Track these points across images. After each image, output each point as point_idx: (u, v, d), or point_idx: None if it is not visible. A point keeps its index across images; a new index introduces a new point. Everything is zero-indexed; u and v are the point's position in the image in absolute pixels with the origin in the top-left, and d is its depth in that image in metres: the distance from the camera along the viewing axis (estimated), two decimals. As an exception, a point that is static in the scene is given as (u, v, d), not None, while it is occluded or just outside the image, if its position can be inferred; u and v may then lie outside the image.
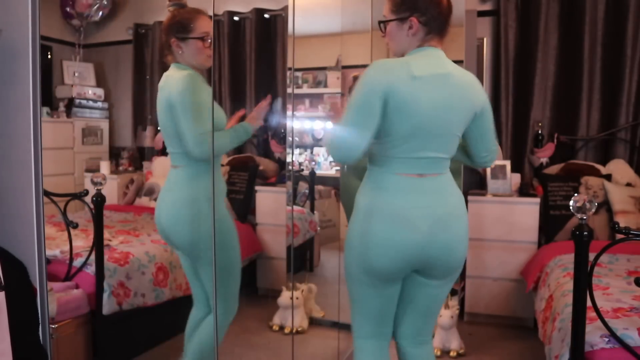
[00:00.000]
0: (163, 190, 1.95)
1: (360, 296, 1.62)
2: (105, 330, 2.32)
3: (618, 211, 2.89)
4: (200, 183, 1.86)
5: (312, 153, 3.91)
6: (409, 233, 1.47)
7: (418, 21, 1.49)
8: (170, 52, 1.94)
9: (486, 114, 1.57)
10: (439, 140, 1.49)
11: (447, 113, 1.48)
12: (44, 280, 1.80)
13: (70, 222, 2.18)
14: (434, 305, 1.67)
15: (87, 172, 4.06)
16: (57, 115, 4.05)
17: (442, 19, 1.50)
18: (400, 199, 1.49)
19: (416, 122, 1.45)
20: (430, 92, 1.45)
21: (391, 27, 1.54)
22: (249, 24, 4.06)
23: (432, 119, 1.46)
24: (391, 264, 1.50)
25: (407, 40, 1.52)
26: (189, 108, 1.77)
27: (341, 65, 3.55)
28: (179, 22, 1.90)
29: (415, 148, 1.48)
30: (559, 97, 3.40)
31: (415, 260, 1.51)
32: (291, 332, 2.92)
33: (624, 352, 1.55)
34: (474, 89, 1.54)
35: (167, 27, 1.92)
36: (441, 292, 1.65)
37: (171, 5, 1.93)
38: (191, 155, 1.79)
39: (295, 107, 3.79)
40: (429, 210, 1.49)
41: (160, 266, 2.68)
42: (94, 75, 4.50)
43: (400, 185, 1.50)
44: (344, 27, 3.07)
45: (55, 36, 4.25)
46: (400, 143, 1.48)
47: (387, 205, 1.49)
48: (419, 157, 1.49)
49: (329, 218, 3.61)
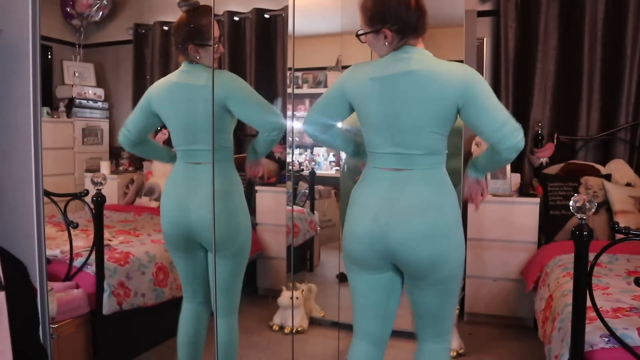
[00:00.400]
0: (184, 186, 1.91)
1: (350, 284, 1.73)
2: (105, 330, 2.32)
3: (618, 211, 2.89)
4: (227, 177, 1.93)
5: (312, 153, 3.91)
6: (367, 222, 1.57)
7: (391, 31, 1.55)
8: (184, 54, 1.92)
9: (474, 100, 1.49)
10: (406, 136, 1.54)
11: (407, 111, 1.53)
12: (44, 280, 1.80)
13: (70, 222, 2.18)
14: (430, 308, 1.64)
15: (87, 172, 4.06)
16: (57, 115, 4.05)
17: (413, 23, 1.54)
18: (367, 190, 1.61)
19: (375, 120, 1.58)
20: (386, 92, 1.54)
21: (368, 38, 1.62)
22: (249, 24, 4.06)
23: (389, 117, 1.55)
24: (359, 250, 1.61)
25: (385, 47, 1.58)
26: (255, 94, 1.91)
27: (341, 65, 3.55)
28: (196, 29, 1.87)
29: (385, 144, 1.58)
30: (559, 97, 3.40)
31: (381, 249, 1.57)
32: (291, 332, 2.93)
33: (624, 352, 1.55)
34: (445, 83, 1.49)
35: (184, 33, 1.89)
36: (433, 297, 1.60)
37: (184, 5, 1.89)
38: (280, 130, 1.90)
39: (295, 107, 3.79)
40: (389, 202, 1.55)
41: (161, 266, 2.68)
42: (94, 75, 4.50)
43: (374, 178, 1.61)
44: (344, 27, 3.07)
45: (56, 36, 4.25)
46: (371, 139, 1.62)
47: (359, 195, 1.63)
48: (390, 152, 1.57)
49: (329, 218, 3.61)
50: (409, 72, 1.52)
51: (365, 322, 1.73)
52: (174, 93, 1.90)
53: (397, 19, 1.53)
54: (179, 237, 1.95)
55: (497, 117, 1.48)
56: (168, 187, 1.96)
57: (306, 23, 2.83)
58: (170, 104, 1.91)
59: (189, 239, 1.95)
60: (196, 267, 2.03)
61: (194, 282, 2.06)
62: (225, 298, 1.97)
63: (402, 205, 1.54)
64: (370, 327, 1.72)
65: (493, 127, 1.47)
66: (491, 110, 1.49)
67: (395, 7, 1.53)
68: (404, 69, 1.53)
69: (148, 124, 1.99)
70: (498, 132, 1.46)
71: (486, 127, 1.49)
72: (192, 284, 2.06)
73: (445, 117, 1.53)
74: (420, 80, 1.51)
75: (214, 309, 1.99)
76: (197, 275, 2.05)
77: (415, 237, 1.52)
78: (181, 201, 1.90)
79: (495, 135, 1.47)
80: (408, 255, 1.54)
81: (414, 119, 1.53)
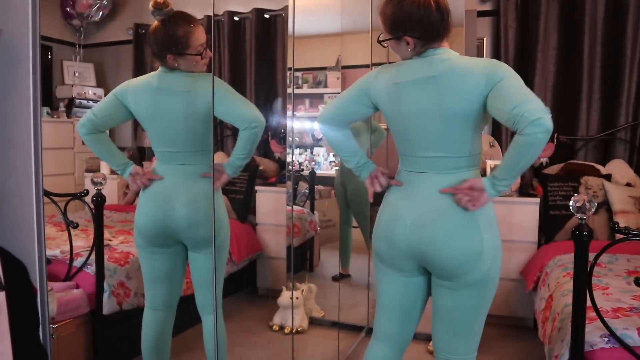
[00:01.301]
0: (169, 188, 1.93)
1: (377, 285, 1.73)
2: (105, 330, 2.32)
3: (618, 211, 2.89)
4: (207, 179, 1.95)
5: (312, 153, 3.91)
6: (395, 223, 1.59)
7: (412, 37, 1.51)
8: (162, 62, 1.92)
9: (497, 83, 1.41)
10: (434, 140, 1.53)
11: (432, 115, 1.51)
12: (44, 280, 1.80)
13: (70, 222, 2.18)
14: (456, 315, 1.58)
15: (87, 172, 4.07)
16: (57, 115, 4.05)
17: (436, 28, 1.50)
18: (396, 192, 1.64)
19: (401, 124, 1.58)
20: (410, 97, 1.53)
21: (390, 43, 1.59)
22: (249, 24, 4.06)
23: (415, 121, 1.54)
24: (386, 249, 1.62)
25: (409, 52, 1.56)
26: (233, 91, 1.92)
27: (341, 65, 3.55)
28: (173, 39, 1.84)
29: (414, 147, 1.58)
30: (559, 97, 3.40)
31: (407, 250, 1.57)
32: (291, 332, 2.92)
33: (624, 352, 1.56)
34: (468, 76, 1.46)
35: (160, 42, 1.86)
36: (460, 301, 1.55)
37: (157, 13, 1.86)
38: (259, 122, 1.88)
39: (295, 107, 3.79)
40: (417, 204, 1.56)
41: (161, 266, 2.68)
42: (94, 75, 4.50)
43: (404, 181, 1.62)
44: (344, 27, 3.07)
45: (56, 36, 4.25)
46: (400, 142, 1.63)
47: (390, 197, 1.66)
48: (420, 155, 1.57)
49: (329, 218, 3.61)
50: (432, 77, 1.49)
51: (388, 324, 1.70)
52: (156, 98, 1.90)
53: (418, 26, 1.49)
54: (158, 234, 1.95)
55: (519, 95, 1.35)
56: (151, 186, 1.97)
57: (306, 23, 2.83)
58: (152, 109, 1.91)
59: (169, 237, 1.96)
60: (166, 265, 2.02)
61: (159, 282, 2.03)
62: (211, 294, 1.99)
63: (430, 207, 1.53)
64: (393, 329, 1.69)
65: (514, 102, 1.34)
66: (513, 89, 1.38)
67: (416, 14, 1.48)
68: (428, 73, 1.50)
69: (117, 116, 1.99)
70: (520, 107, 1.32)
71: (505, 105, 1.36)
72: (158, 283, 2.03)
73: (472, 116, 1.48)
74: (443, 83, 1.48)
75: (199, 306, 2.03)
76: (162, 276, 2.03)
77: (441, 238, 1.51)
78: (165, 199, 1.92)
79: (515, 111, 1.32)
80: (433, 254, 1.53)
81: (438, 122, 1.50)
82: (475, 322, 1.59)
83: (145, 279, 2.06)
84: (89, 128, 1.97)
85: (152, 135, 1.99)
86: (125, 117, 2.00)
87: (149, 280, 2.05)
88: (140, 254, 2.04)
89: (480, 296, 1.56)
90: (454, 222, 1.51)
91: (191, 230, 1.93)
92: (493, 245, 1.53)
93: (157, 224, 1.93)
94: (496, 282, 1.59)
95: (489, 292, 1.57)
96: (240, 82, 4.14)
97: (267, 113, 3.99)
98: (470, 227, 1.51)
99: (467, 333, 1.60)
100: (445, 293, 1.58)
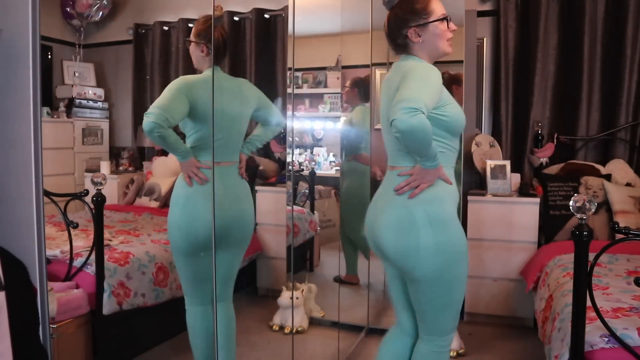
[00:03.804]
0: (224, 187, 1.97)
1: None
2: (105, 330, 2.32)
3: (618, 211, 2.89)
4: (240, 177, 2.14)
5: (312, 153, 3.91)
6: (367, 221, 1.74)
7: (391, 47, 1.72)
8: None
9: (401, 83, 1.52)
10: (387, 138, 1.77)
11: (384, 114, 1.71)
12: (44, 280, 1.80)
13: (70, 222, 2.18)
14: (417, 305, 1.67)
15: (87, 172, 4.07)
16: (57, 115, 4.05)
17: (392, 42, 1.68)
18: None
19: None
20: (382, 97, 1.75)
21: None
22: (249, 24, 4.06)
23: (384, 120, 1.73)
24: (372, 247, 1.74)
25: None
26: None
27: (341, 65, 3.55)
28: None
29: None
30: (559, 97, 3.40)
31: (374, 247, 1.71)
32: (291, 332, 2.92)
33: (624, 352, 1.55)
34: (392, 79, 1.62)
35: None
36: (416, 294, 1.65)
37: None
38: (281, 125, 2.23)
39: (295, 107, 3.79)
40: (373, 203, 1.74)
41: (160, 266, 2.68)
42: (94, 75, 4.50)
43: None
44: (344, 27, 3.06)
45: (56, 36, 4.26)
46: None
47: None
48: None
49: (329, 218, 3.61)
50: (385, 80, 1.70)
51: (396, 310, 1.82)
52: (223, 96, 2.00)
53: (388, 40, 1.71)
54: (208, 237, 1.93)
55: (402, 94, 1.42)
56: (200, 188, 1.97)
57: (306, 23, 2.83)
58: (216, 105, 1.90)
59: (218, 237, 1.93)
60: (210, 267, 2.02)
61: (205, 282, 2.07)
62: (230, 287, 2.14)
63: (379, 205, 1.68)
64: (399, 315, 1.80)
65: (394, 101, 1.43)
66: (406, 89, 1.44)
67: (385, 30, 1.70)
68: (386, 77, 1.71)
69: (184, 111, 1.95)
70: (393, 106, 1.42)
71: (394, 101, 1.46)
72: (204, 284, 2.07)
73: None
74: (387, 85, 1.64)
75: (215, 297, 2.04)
76: (209, 275, 2.05)
77: (381, 228, 1.61)
78: (217, 200, 1.91)
79: (391, 109, 1.44)
80: (383, 253, 1.65)
81: (384, 123, 1.65)
82: (438, 313, 1.65)
83: (194, 280, 2.07)
84: (163, 126, 1.87)
85: (203, 132, 2.00)
86: (186, 112, 1.97)
87: (196, 282, 2.07)
88: (183, 258, 2.03)
89: (435, 292, 1.60)
90: (390, 220, 1.59)
91: (238, 229, 2.04)
92: (435, 243, 1.54)
93: (208, 226, 1.91)
94: (457, 279, 1.61)
95: (447, 289, 1.60)
96: (240, 82, 4.14)
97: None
98: (405, 225, 1.56)
99: (432, 321, 1.66)
100: (408, 283, 1.67)
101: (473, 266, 3.10)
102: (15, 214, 1.79)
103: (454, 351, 2.68)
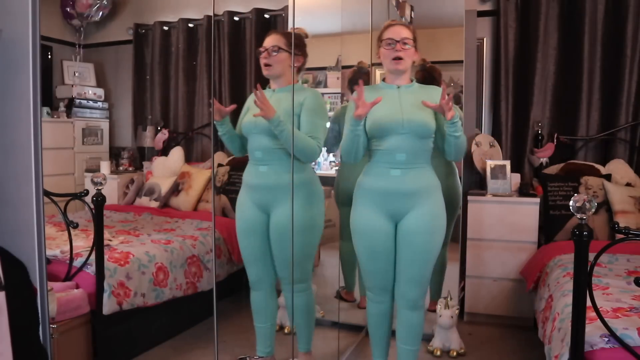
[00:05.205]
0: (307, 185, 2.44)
1: None
2: (105, 330, 2.32)
3: (618, 211, 2.89)
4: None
5: (312, 153, 3.90)
6: None
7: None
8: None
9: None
10: None
11: None
12: (44, 280, 1.80)
13: (70, 222, 2.18)
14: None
15: (87, 172, 4.07)
16: (57, 115, 4.05)
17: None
18: None
19: None
20: None
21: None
22: (249, 24, 4.06)
23: None
24: None
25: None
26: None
27: (341, 65, 3.55)
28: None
29: None
30: (559, 97, 3.40)
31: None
32: (291, 332, 2.92)
33: (624, 352, 1.55)
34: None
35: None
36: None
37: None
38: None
39: (295, 107, 3.77)
40: None
41: (160, 266, 2.68)
42: (94, 75, 4.50)
43: None
44: (344, 27, 3.07)
45: (56, 36, 4.26)
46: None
47: None
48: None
49: (329, 218, 3.60)
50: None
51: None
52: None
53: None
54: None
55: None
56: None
57: (306, 23, 2.83)
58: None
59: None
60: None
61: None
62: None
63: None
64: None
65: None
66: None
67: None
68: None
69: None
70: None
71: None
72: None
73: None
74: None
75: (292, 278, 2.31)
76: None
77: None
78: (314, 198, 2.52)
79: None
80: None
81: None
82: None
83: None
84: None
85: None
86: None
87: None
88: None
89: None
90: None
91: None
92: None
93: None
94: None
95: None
96: (240, 82, 4.14)
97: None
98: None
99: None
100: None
101: (473, 266, 3.10)
102: (15, 214, 1.79)
103: (454, 351, 2.68)
